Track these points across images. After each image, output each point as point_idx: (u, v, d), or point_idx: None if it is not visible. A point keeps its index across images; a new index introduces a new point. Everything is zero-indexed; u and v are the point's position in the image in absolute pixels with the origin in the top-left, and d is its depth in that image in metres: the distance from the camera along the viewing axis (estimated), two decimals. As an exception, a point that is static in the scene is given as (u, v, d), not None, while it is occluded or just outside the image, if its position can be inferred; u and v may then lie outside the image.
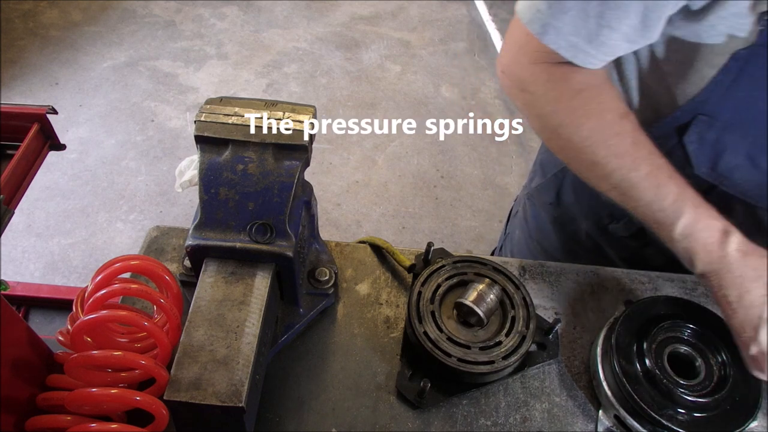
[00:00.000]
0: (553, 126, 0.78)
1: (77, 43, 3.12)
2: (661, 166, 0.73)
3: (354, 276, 0.88)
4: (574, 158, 0.78)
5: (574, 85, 0.76)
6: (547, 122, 0.79)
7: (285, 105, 0.70)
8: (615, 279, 0.89)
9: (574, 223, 1.07)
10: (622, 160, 0.73)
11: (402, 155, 2.73)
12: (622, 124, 0.74)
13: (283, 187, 0.68)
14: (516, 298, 0.78)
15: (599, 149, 0.74)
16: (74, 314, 0.72)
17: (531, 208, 1.20)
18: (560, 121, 0.77)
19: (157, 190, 2.53)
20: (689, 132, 0.79)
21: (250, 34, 3.27)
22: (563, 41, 0.73)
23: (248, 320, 0.65)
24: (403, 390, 0.75)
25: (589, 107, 0.75)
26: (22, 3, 3.28)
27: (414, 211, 2.54)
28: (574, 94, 0.76)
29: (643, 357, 0.72)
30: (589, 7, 0.70)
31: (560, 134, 0.78)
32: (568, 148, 0.78)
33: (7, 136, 0.73)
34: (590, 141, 0.75)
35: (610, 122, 0.74)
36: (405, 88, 3.05)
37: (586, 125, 0.75)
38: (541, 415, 0.76)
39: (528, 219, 1.21)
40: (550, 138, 0.82)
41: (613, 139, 0.73)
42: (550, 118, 0.78)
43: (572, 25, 0.72)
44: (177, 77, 3.01)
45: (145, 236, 0.91)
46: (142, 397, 0.60)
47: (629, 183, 0.73)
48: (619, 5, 0.69)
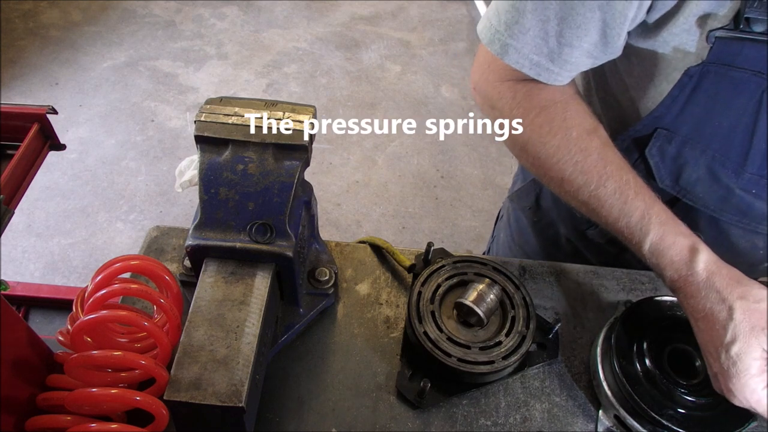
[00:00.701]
0: (521, 143, 0.79)
1: (77, 43, 3.12)
2: (628, 181, 0.72)
3: (354, 276, 0.88)
4: (544, 175, 0.79)
5: (538, 102, 0.77)
6: (515, 139, 0.80)
7: (285, 105, 0.70)
8: (615, 279, 0.89)
9: (553, 227, 1.08)
10: (589, 176, 0.73)
11: (402, 155, 2.73)
12: (588, 139, 0.74)
13: (283, 187, 0.67)
14: (516, 298, 0.78)
15: (566, 166, 0.74)
16: (74, 314, 0.72)
17: (513, 211, 1.20)
18: (527, 138, 0.78)
19: (157, 190, 2.53)
20: (650, 145, 0.80)
21: (250, 34, 3.27)
22: (525, 60, 0.74)
23: (248, 320, 0.65)
24: (403, 390, 0.75)
25: (553, 124, 0.75)
26: (22, 3, 3.28)
27: (414, 211, 2.54)
28: (540, 111, 0.76)
29: (643, 357, 0.72)
30: (548, 26, 0.71)
31: (528, 151, 0.78)
32: (537, 165, 0.78)
33: (7, 136, 0.73)
34: (556, 158, 0.75)
35: (576, 138, 0.74)
36: (405, 88, 3.05)
37: (551, 142, 0.75)
38: (541, 415, 0.76)
39: (510, 222, 1.22)
40: (520, 155, 0.82)
41: (579, 155, 0.73)
42: (518, 135, 0.79)
43: (533, 44, 0.73)
44: (177, 77, 3.01)
45: (145, 236, 0.91)
46: (142, 397, 0.60)
47: (597, 199, 0.73)
48: (578, 23, 0.70)
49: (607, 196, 0.72)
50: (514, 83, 0.78)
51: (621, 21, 0.69)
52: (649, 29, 0.73)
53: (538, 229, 1.12)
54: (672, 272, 0.68)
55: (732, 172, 0.77)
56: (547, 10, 0.70)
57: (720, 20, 0.68)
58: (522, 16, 0.72)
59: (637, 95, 0.82)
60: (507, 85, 0.79)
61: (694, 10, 0.68)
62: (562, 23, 0.70)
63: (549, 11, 0.70)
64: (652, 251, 0.69)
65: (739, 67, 0.69)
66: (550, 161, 0.76)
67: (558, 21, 0.70)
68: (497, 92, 0.80)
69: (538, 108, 0.76)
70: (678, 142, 0.78)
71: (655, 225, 0.69)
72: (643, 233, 0.70)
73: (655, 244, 0.69)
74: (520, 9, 0.72)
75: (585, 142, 0.74)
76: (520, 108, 0.78)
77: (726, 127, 0.74)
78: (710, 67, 0.70)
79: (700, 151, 0.77)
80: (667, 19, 0.70)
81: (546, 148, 0.75)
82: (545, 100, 0.77)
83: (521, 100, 0.77)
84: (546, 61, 0.74)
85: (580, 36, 0.71)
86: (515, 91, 0.78)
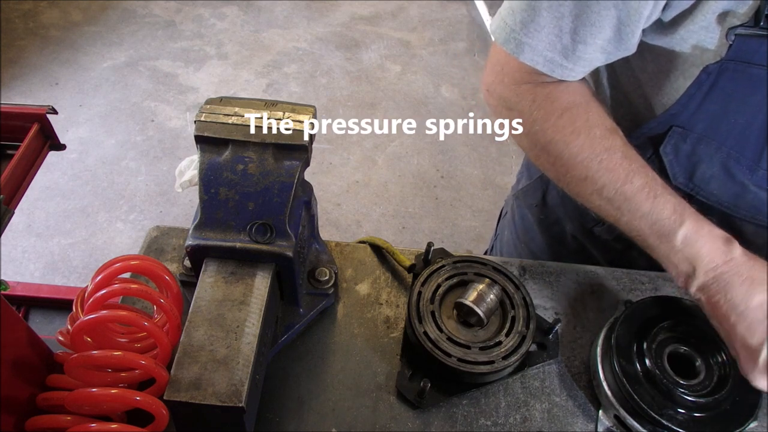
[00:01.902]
0: (543, 144, 0.79)
1: (77, 43, 3.12)
2: (654, 177, 0.73)
3: (354, 276, 0.88)
4: (564, 174, 0.79)
5: (560, 104, 0.77)
6: (536, 140, 0.80)
7: (285, 105, 0.70)
8: (615, 279, 0.89)
9: (559, 224, 1.08)
10: (615, 174, 0.73)
11: (402, 155, 2.73)
12: (611, 138, 0.75)
13: (283, 187, 0.67)
14: (516, 298, 0.78)
15: (590, 164, 0.75)
16: (74, 314, 0.72)
17: (518, 209, 1.20)
18: (549, 139, 0.78)
19: (157, 190, 2.53)
20: (665, 143, 0.80)
21: (250, 34, 3.27)
22: (539, 57, 0.75)
23: (248, 320, 0.65)
24: (403, 390, 0.75)
25: (576, 124, 0.76)
26: (22, 3, 3.28)
27: (414, 211, 2.54)
28: (561, 112, 0.77)
29: (643, 357, 0.72)
30: (562, 23, 0.71)
31: (549, 151, 0.79)
32: (558, 165, 0.79)
33: (7, 136, 0.73)
34: (581, 157, 0.75)
35: (600, 137, 0.75)
36: (405, 88, 3.05)
37: (575, 142, 0.75)
38: (541, 415, 0.76)
39: (515, 220, 1.22)
40: (539, 155, 0.82)
41: (604, 154, 0.74)
42: (539, 136, 0.79)
43: (547, 42, 0.73)
44: (177, 77, 3.01)
45: (145, 236, 0.91)
46: (142, 397, 0.60)
47: (623, 196, 0.73)
48: (592, 21, 0.70)
49: (635, 192, 0.72)
50: (533, 86, 0.79)
51: (636, 19, 0.69)
52: (666, 27, 0.73)
53: (545, 226, 1.12)
54: (709, 260, 0.68)
55: (747, 169, 0.77)
56: (562, 7, 0.70)
57: (740, 17, 0.67)
58: (537, 14, 0.72)
59: (651, 92, 0.82)
60: (526, 88, 0.79)
61: (713, 8, 0.68)
62: (577, 20, 0.70)
63: (564, 8, 0.70)
64: (687, 242, 0.69)
65: (758, 64, 0.69)
66: (573, 160, 0.76)
67: (573, 18, 0.70)
68: (515, 95, 0.80)
69: (560, 110, 0.77)
70: (693, 140, 0.78)
71: (690, 216, 0.70)
72: (677, 225, 0.70)
73: (692, 235, 0.69)
74: (536, 7, 0.72)
75: (609, 141, 0.74)
76: (541, 110, 0.78)
77: (741, 125, 0.74)
78: (729, 65, 0.70)
79: (715, 148, 0.77)
80: (685, 16, 0.70)
81: (570, 148, 0.76)
82: (567, 102, 0.77)
83: (542, 102, 0.78)
84: (560, 57, 0.74)
85: (594, 33, 0.71)
86: (535, 94, 0.78)
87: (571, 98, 0.77)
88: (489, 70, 0.84)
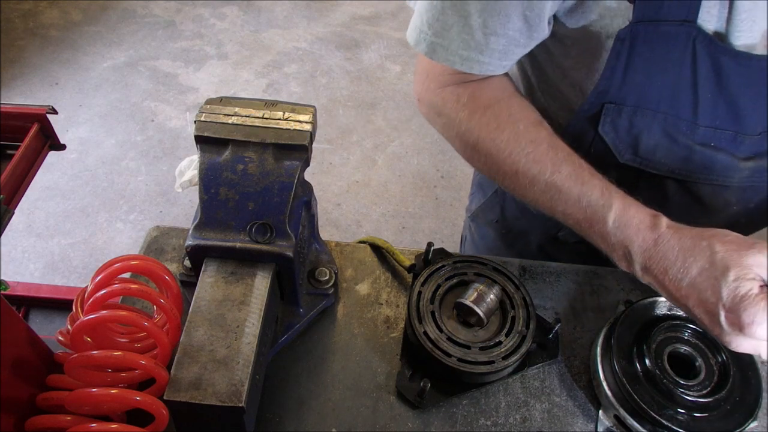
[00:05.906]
0: (472, 143, 0.80)
1: (77, 43, 3.12)
2: (581, 164, 0.73)
3: (354, 276, 0.88)
4: (498, 171, 0.79)
5: (482, 101, 0.78)
6: (465, 141, 0.80)
7: (285, 105, 0.70)
8: (615, 279, 0.89)
9: (524, 237, 1.07)
10: (542, 165, 0.73)
11: (402, 155, 2.73)
12: (536, 131, 0.75)
13: (283, 187, 0.68)
14: (516, 298, 0.78)
15: (518, 158, 0.75)
16: (74, 314, 0.72)
17: (477, 229, 1.20)
18: (476, 137, 0.78)
19: (157, 190, 2.53)
20: (602, 122, 0.80)
21: (250, 34, 3.27)
22: (455, 57, 0.75)
23: (248, 320, 0.65)
24: (403, 390, 0.75)
25: (500, 120, 0.76)
26: (22, 3, 3.28)
27: (414, 211, 2.54)
28: (485, 109, 0.77)
29: (643, 357, 0.72)
30: (470, 20, 0.72)
31: (479, 150, 0.79)
32: (490, 163, 0.79)
33: (7, 136, 0.73)
34: (508, 151, 0.76)
35: (524, 131, 0.75)
36: (405, 88, 3.04)
37: (500, 137, 0.76)
38: (541, 415, 0.76)
39: (476, 241, 1.22)
40: (471, 156, 0.83)
41: (530, 147, 0.74)
42: (467, 136, 0.79)
43: (458, 40, 0.74)
44: (177, 77, 3.01)
45: (145, 236, 0.91)
46: (142, 397, 0.60)
47: (554, 186, 0.73)
48: (498, 10, 0.70)
49: (564, 180, 0.72)
50: (456, 87, 0.79)
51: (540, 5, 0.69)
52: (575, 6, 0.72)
53: (509, 241, 1.12)
54: (640, 240, 0.67)
55: (687, 130, 0.76)
56: (467, 5, 0.71)
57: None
58: (442, 13, 0.72)
59: (579, 76, 0.82)
60: (450, 90, 0.80)
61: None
62: (484, 13, 0.71)
63: (469, 6, 0.71)
64: (618, 224, 0.69)
65: (665, 20, 0.68)
66: (501, 156, 0.76)
67: (479, 12, 0.71)
68: (440, 98, 0.81)
69: (483, 107, 0.77)
70: (628, 113, 0.77)
71: (617, 198, 0.70)
72: (605, 208, 0.70)
73: (620, 216, 0.69)
74: (439, 6, 0.73)
75: (533, 133, 0.75)
76: (466, 109, 0.78)
77: (669, 86, 0.73)
78: (639, 27, 0.69)
79: (651, 116, 0.76)
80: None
81: (496, 144, 0.76)
82: (489, 98, 0.78)
83: (466, 102, 0.78)
84: (475, 53, 0.74)
85: (504, 23, 0.71)
86: (458, 95, 0.79)
87: (494, 94, 0.78)
88: (416, 80, 0.84)
